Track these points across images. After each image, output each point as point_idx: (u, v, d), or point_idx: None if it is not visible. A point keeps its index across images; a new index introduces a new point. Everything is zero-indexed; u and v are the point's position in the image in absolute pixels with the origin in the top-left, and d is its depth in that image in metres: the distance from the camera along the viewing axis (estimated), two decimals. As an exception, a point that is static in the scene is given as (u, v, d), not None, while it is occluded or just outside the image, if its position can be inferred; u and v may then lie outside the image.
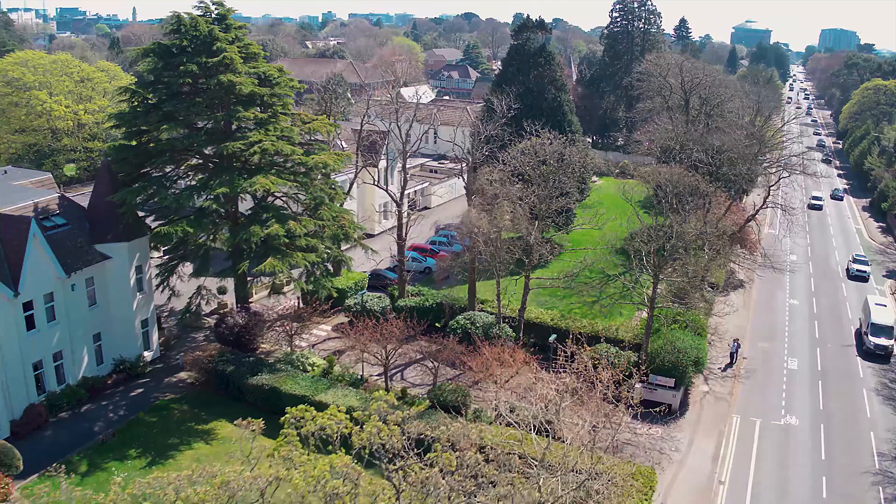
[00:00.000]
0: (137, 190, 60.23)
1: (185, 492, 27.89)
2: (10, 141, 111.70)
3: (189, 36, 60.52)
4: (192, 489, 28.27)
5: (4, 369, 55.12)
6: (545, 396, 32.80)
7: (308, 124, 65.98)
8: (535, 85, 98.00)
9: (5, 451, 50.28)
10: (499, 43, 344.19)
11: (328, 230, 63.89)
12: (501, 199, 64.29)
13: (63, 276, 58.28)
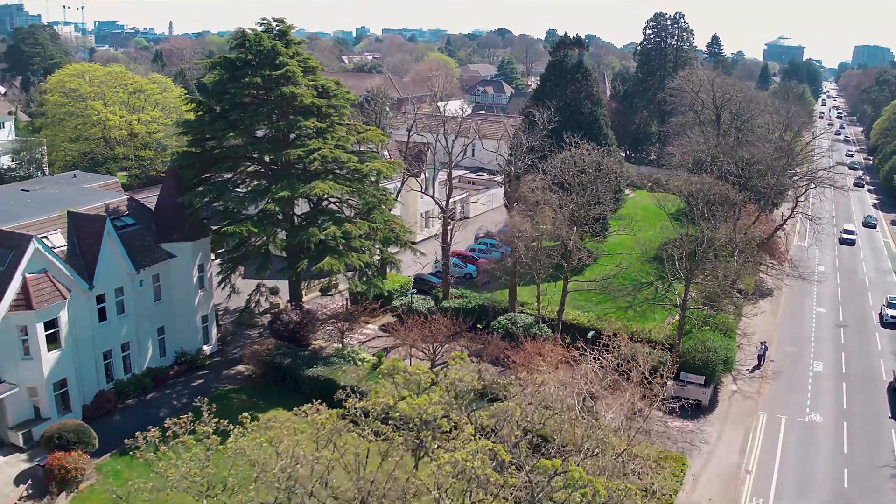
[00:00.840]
0: (203, 193, 64.76)
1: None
2: (66, 149, 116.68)
3: (253, 50, 64.99)
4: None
5: (78, 357, 59.54)
6: (587, 374, 36.19)
7: (361, 134, 70.46)
8: (572, 99, 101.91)
9: (83, 430, 54.52)
10: (532, 59, 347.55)
11: (380, 233, 68.14)
12: (543, 205, 68.10)
13: (132, 272, 62.73)
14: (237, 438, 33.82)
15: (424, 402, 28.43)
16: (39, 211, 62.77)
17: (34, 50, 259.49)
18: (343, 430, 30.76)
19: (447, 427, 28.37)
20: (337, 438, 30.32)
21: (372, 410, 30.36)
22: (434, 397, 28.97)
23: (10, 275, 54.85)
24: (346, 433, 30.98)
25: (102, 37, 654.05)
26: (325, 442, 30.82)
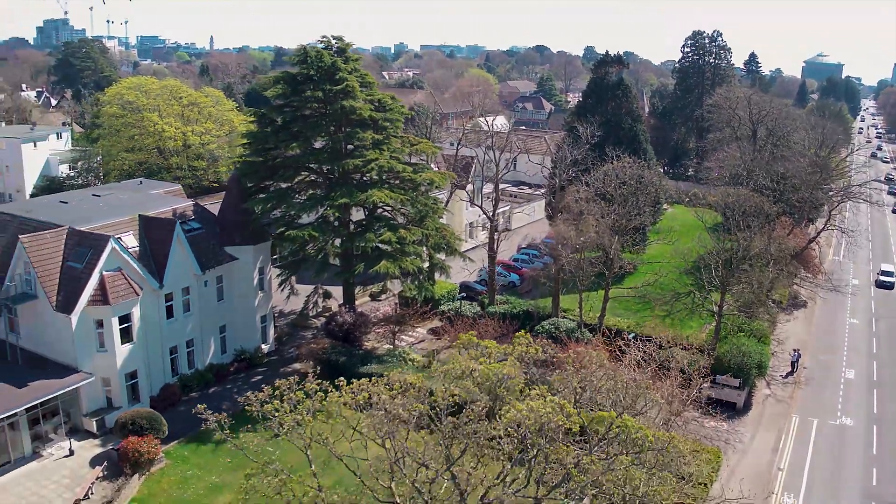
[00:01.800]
0: (266, 199, 68.87)
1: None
2: (123, 158, 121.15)
3: (315, 66, 69.14)
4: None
5: (147, 351, 63.65)
6: (631, 363, 39.30)
7: (414, 146, 74.27)
8: (612, 115, 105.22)
9: (155, 417, 58.45)
10: (571, 76, 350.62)
11: (431, 240, 71.79)
12: (586, 215, 71.49)
13: (199, 273, 66.86)
14: (338, 397, 36.94)
15: (498, 367, 32.14)
16: (112, 214, 67.26)
17: (85, 63, 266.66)
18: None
19: (519, 385, 31.87)
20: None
21: (451, 371, 33.87)
22: (507, 364, 32.72)
23: (89, 272, 59.15)
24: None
25: (145, 51, 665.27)
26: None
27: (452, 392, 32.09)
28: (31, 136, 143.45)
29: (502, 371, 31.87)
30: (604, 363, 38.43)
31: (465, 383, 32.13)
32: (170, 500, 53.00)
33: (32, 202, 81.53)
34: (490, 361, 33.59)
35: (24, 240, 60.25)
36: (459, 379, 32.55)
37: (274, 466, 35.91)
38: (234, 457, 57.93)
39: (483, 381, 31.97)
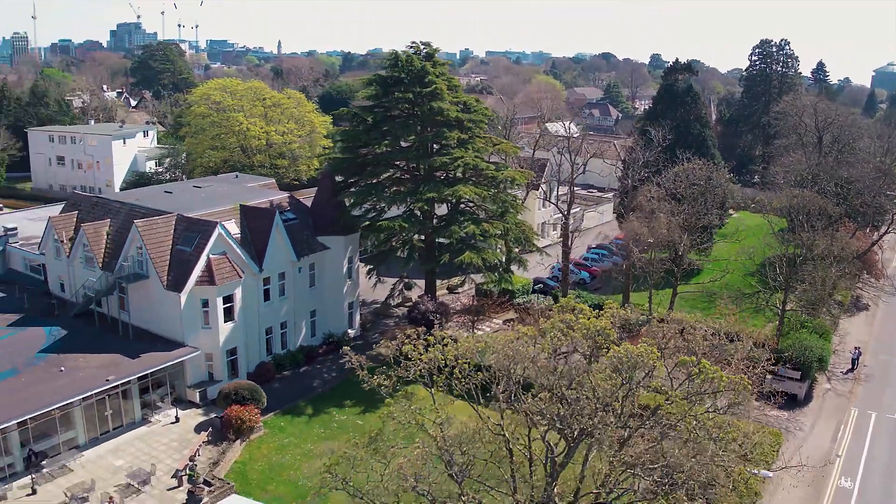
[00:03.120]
0: (359, 193, 73.97)
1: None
2: (209, 156, 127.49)
3: (406, 70, 74.01)
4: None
5: (246, 330, 68.78)
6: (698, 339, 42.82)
7: (497, 146, 78.73)
8: (681, 120, 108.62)
9: (255, 389, 63.52)
10: (637, 83, 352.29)
11: (511, 234, 76.16)
12: (658, 213, 75.34)
13: (294, 260, 72.01)
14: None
15: (595, 321, 36.63)
16: (214, 203, 72.86)
17: (163, 66, 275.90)
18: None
19: (614, 336, 36.20)
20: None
21: (559, 323, 38.23)
22: (603, 318, 37.16)
23: (197, 255, 64.56)
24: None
25: (214, 54, 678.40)
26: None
27: (562, 339, 36.43)
28: (121, 134, 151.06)
29: (599, 324, 36.35)
30: (676, 336, 42.32)
31: (572, 332, 36.48)
32: (269, 464, 57.82)
33: (139, 191, 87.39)
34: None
35: (139, 224, 65.87)
36: (569, 329, 36.87)
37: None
38: (326, 428, 63.14)
39: (585, 332, 36.33)
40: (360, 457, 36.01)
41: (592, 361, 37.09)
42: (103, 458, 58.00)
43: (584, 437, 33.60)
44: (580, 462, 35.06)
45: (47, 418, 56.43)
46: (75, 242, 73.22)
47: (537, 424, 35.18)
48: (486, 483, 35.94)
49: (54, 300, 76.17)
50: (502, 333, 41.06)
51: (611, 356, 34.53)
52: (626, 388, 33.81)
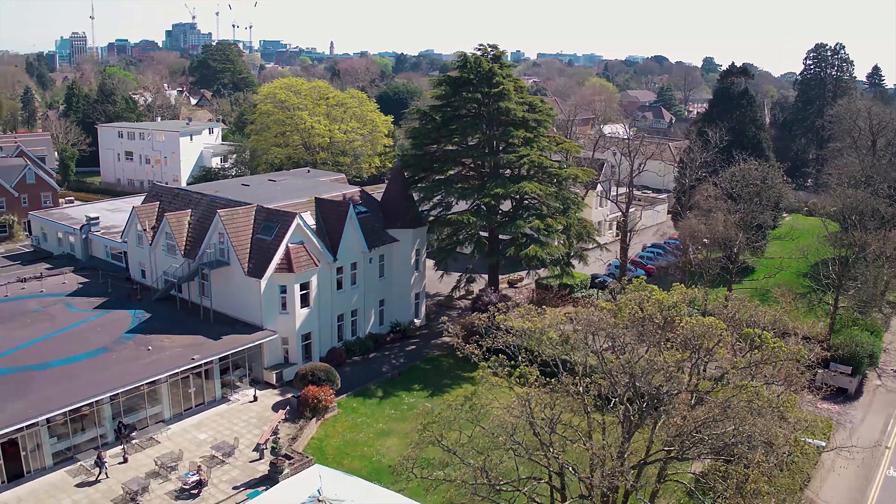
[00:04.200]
0: (430, 188, 77.56)
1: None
2: (274, 153, 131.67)
3: (474, 71, 77.45)
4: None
5: (319, 316, 72.47)
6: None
7: (560, 145, 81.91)
8: (737, 123, 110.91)
9: (330, 370, 67.18)
10: (690, 86, 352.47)
11: (573, 229, 79.23)
12: (715, 211, 77.99)
13: (365, 251, 75.63)
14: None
15: (667, 297, 39.75)
16: (290, 196, 76.81)
17: (224, 65, 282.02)
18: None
19: (684, 312, 39.26)
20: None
21: (635, 297, 41.38)
22: (675, 294, 40.20)
23: (277, 243, 68.38)
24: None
25: (267, 54, 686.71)
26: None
27: (636, 311, 39.54)
28: (188, 131, 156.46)
29: (672, 299, 39.44)
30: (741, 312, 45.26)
31: (647, 305, 39.53)
32: (344, 441, 61.35)
33: (217, 184, 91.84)
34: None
35: (222, 213, 69.86)
36: (643, 302, 39.94)
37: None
38: (396, 409, 66.57)
39: (659, 306, 39.39)
40: (453, 417, 39.14)
41: (667, 331, 40.07)
42: (187, 431, 61.86)
43: (657, 398, 36.65)
44: (649, 431, 38.09)
45: (136, 393, 60.42)
46: (158, 231, 77.47)
47: (617, 385, 38.26)
48: (568, 437, 38.79)
49: (136, 285, 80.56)
50: (582, 308, 44.09)
51: (683, 326, 37.63)
52: (695, 356, 36.89)
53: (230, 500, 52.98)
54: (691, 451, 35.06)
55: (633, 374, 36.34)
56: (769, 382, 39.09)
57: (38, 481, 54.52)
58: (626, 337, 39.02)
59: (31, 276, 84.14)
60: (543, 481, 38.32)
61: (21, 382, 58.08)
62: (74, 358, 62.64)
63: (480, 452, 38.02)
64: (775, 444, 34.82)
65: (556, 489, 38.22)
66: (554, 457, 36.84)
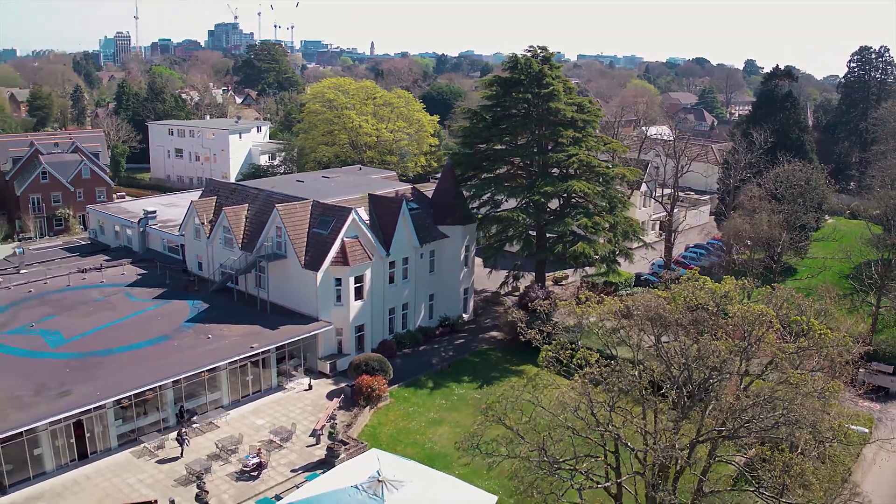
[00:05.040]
0: (481, 185, 79.68)
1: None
2: (322, 151, 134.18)
3: (525, 72, 79.39)
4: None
5: (372, 309, 74.68)
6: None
7: (608, 145, 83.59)
8: (780, 125, 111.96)
9: (383, 361, 69.39)
10: (732, 89, 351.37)
11: (620, 227, 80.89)
12: (759, 211, 79.38)
13: (417, 246, 77.74)
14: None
15: (720, 286, 41.57)
16: (344, 192, 79.10)
17: (269, 65, 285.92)
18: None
19: (737, 300, 40.99)
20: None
21: (690, 285, 43.25)
22: (727, 284, 41.99)
23: (333, 237, 70.72)
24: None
25: (309, 54, 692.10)
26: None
27: (693, 298, 41.31)
28: (237, 129, 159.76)
29: (724, 288, 41.22)
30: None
31: (700, 294, 41.29)
32: (397, 429, 63.45)
33: (272, 180, 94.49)
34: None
35: (280, 208, 72.31)
36: (698, 291, 41.70)
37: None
38: (447, 399, 68.61)
39: (711, 294, 41.17)
40: (514, 397, 41.12)
41: (720, 317, 41.83)
42: (245, 417, 64.29)
43: (710, 381, 38.43)
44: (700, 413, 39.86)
45: (197, 380, 62.96)
46: (215, 225, 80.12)
47: (671, 367, 40.08)
48: (626, 413, 40.63)
49: (192, 277, 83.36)
50: (640, 296, 45.90)
51: (735, 313, 39.44)
52: (745, 342, 38.65)
53: (289, 482, 55.12)
54: (742, 431, 36.74)
55: (689, 357, 38.08)
56: (815, 370, 40.65)
57: (104, 461, 57.23)
58: (683, 322, 40.67)
59: (91, 267, 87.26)
60: (600, 459, 40.19)
61: (89, 367, 60.94)
62: (138, 345, 65.41)
63: (539, 432, 40.00)
64: (820, 427, 36.45)
65: (610, 467, 40.13)
66: (611, 434, 38.70)
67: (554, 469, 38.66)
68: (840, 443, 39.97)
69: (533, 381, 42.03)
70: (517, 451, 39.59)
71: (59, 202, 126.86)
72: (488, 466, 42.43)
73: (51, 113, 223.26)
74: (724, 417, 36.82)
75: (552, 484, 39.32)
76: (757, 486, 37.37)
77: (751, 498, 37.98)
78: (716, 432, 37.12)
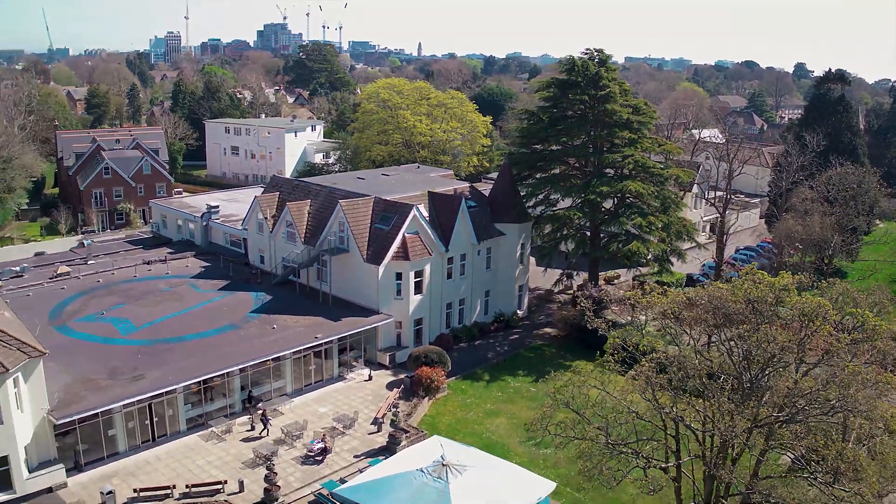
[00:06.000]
0: (537, 184, 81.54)
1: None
2: (376, 150, 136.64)
3: (581, 74, 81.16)
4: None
5: (430, 304, 76.78)
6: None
7: (662, 146, 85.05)
8: (832, 128, 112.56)
9: (442, 353, 71.43)
10: (782, 92, 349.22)
11: (673, 228, 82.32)
12: (812, 213, 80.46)
13: (474, 243, 79.76)
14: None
15: (778, 280, 43.26)
16: (404, 189, 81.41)
17: (321, 65, 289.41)
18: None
19: (793, 292, 42.47)
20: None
21: (746, 280, 44.91)
22: (784, 278, 43.53)
23: (394, 233, 72.92)
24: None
25: (356, 55, 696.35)
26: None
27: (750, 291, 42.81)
28: (292, 127, 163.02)
29: (782, 281, 42.71)
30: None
31: (760, 286, 42.80)
32: (455, 419, 65.43)
33: (333, 177, 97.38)
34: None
35: (343, 204, 74.70)
36: (756, 285, 43.19)
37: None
38: (503, 392, 70.52)
39: (771, 287, 42.68)
40: (581, 382, 42.98)
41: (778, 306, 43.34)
42: (308, 405, 66.55)
43: (769, 368, 40.01)
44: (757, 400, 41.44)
45: (262, 368, 65.36)
46: (278, 219, 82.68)
47: (731, 355, 41.73)
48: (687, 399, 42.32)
49: (255, 270, 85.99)
50: (704, 288, 47.43)
51: (793, 303, 41.01)
52: (802, 333, 40.21)
53: (352, 467, 57.17)
54: (798, 415, 38.29)
55: (749, 344, 39.66)
56: (869, 363, 42.03)
57: (174, 443, 59.66)
58: (745, 312, 42.16)
59: (156, 259, 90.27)
60: (661, 442, 41.96)
61: (159, 353, 63.61)
62: (205, 333, 68.07)
63: (604, 416, 41.90)
64: (873, 415, 37.92)
65: (671, 450, 41.90)
66: (674, 417, 40.46)
67: (617, 451, 40.54)
68: (890, 437, 41.23)
69: (601, 366, 43.91)
70: (584, 432, 41.50)
71: (121, 197, 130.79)
72: (556, 447, 44.28)
73: (107, 111, 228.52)
74: (782, 402, 38.35)
75: (618, 463, 41.26)
76: (810, 473, 38.82)
77: (804, 484, 39.35)
78: (773, 418, 38.63)
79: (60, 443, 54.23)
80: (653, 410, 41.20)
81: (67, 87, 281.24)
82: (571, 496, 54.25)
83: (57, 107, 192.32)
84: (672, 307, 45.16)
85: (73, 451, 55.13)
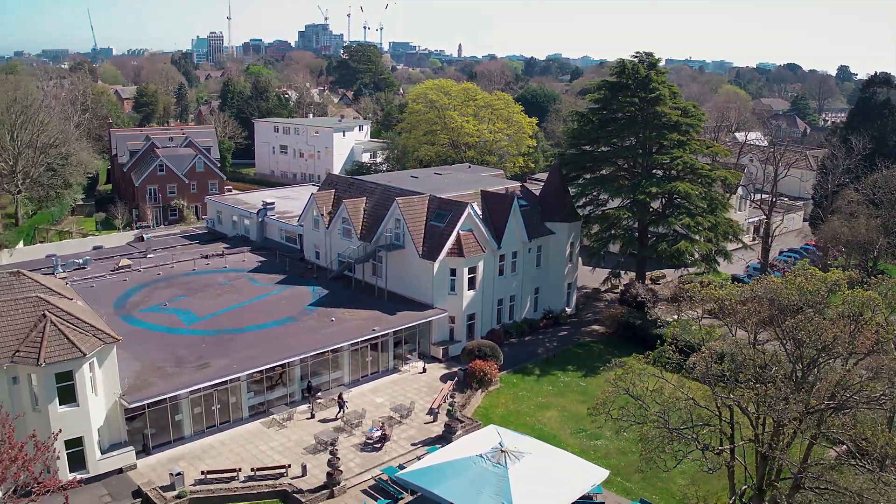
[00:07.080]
0: (587, 184, 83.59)
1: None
2: (424, 150, 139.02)
3: (632, 77, 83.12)
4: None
5: (482, 299, 79.01)
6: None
7: (710, 148, 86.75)
8: (878, 132, 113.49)
9: (495, 347, 73.44)
10: (825, 95, 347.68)
11: (720, 228, 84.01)
12: (857, 215, 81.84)
13: (526, 241, 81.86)
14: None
15: (829, 275, 45.20)
16: (457, 188, 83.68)
17: (365, 66, 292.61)
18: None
19: (845, 286, 44.37)
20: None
21: (803, 272, 46.81)
22: (834, 274, 45.42)
23: (449, 230, 75.26)
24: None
25: (397, 56, 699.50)
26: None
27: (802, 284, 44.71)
28: (341, 127, 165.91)
29: (833, 277, 44.59)
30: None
31: (813, 280, 44.67)
32: (507, 411, 67.56)
33: (387, 175, 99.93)
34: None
35: (400, 201, 77.14)
36: (809, 279, 45.05)
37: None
38: (554, 386, 72.55)
39: (823, 281, 44.52)
40: (639, 370, 45.12)
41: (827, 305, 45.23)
42: (365, 395, 68.93)
43: (823, 354, 41.85)
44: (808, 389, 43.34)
45: (321, 358, 67.83)
46: (334, 216, 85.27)
47: (785, 343, 43.64)
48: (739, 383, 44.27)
49: (310, 265, 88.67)
50: (762, 281, 49.22)
51: (845, 296, 42.89)
52: (853, 324, 42.07)
53: (410, 454, 59.41)
54: (849, 402, 40.11)
55: (804, 332, 41.48)
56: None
57: (237, 429, 62.23)
58: (799, 303, 44.01)
59: (213, 254, 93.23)
60: (717, 427, 43.95)
61: (222, 343, 66.39)
62: (266, 325, 70.75)
63: (661, 403, 43.98)
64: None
65: (725, 435, 43.91)
66: (729, 405, 42.48)
67: (674, 435, 42.63)
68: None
69: (659, 356, 46.02)
70: (643, 417, 43.62)
71: (174, 193, 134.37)
72: (616, 432, 46.30)
73: (155, 109, 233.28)
74: (833, 389, 40.18)
75: (679, 445, 43.36)
76: (859, 459, 40.57)
77: (851, 471, 41.08)
78: (824, 404, 40.44)
79: (130, 426, 56.88)
80: (709, 397, 43.16)
81: (115, 86, 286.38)
82: (622, 485, 56.24)
83: (109, 105, 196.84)
84: (731, 298, 46.90)
85: (142, 434, 57.84)
